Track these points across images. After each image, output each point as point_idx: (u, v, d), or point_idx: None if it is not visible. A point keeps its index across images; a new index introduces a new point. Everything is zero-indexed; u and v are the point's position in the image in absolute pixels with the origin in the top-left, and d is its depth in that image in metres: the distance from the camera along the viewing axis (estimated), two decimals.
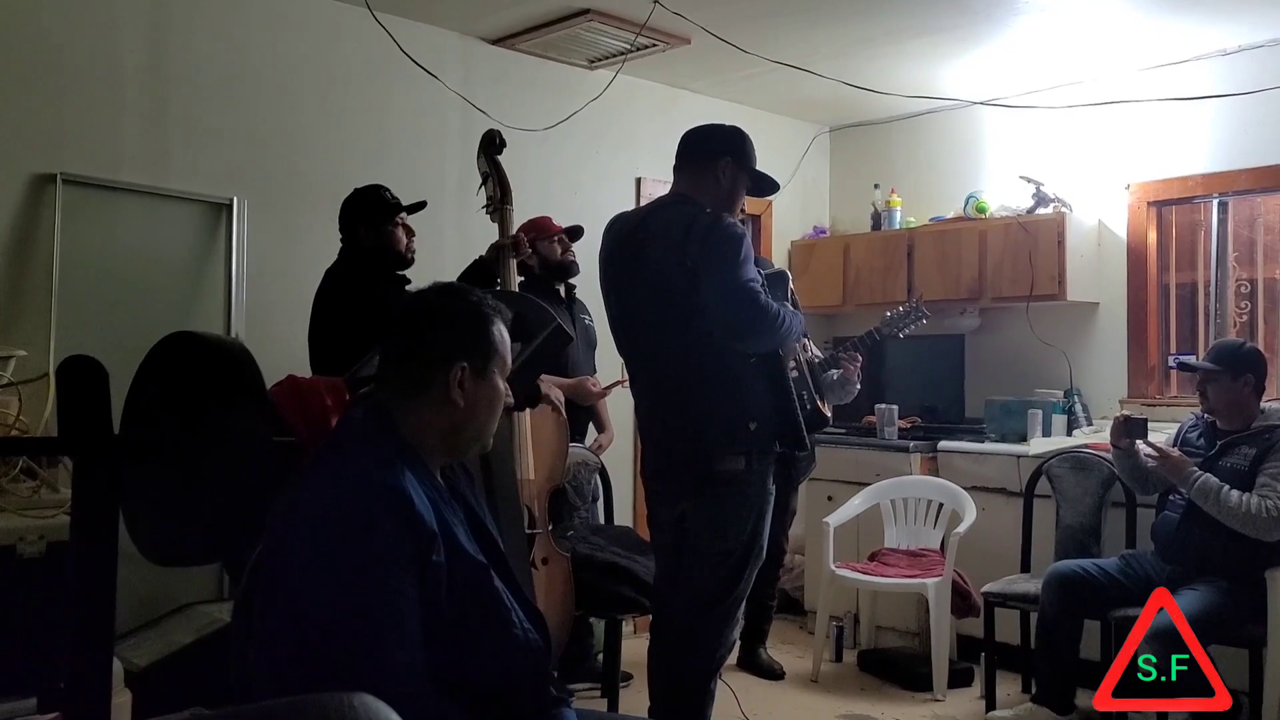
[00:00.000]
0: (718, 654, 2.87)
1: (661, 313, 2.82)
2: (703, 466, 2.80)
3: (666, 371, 2.88)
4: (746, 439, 2.79)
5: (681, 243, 2.76)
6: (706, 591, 2.84)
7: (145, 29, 3.63)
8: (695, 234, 2.75)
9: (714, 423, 2.79)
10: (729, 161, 2.90)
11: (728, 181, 2.90)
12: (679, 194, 2.93)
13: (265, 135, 3.89)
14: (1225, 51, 4.45)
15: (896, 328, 3.83)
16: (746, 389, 2.80)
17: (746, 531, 2.82)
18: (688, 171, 2.94)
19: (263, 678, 1.54)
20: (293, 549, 1.54)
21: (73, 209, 3.44)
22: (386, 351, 1.74)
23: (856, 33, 4.33)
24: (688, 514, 2.87)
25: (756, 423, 2.79)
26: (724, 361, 2.78)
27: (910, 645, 4.49)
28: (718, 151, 2.91)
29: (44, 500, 2.78)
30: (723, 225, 2.78)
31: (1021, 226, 4.79)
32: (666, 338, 2.84)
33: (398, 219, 3.40)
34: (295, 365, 2.63)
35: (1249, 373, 3.44)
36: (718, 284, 2.72)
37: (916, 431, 4.91)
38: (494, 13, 4.20)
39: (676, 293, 2.77)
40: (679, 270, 2.75)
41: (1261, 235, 4.57)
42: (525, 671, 1.70)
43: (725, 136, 2.97)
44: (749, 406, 2.79)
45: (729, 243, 2.74)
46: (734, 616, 2.88)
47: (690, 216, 2.80)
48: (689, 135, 2.99)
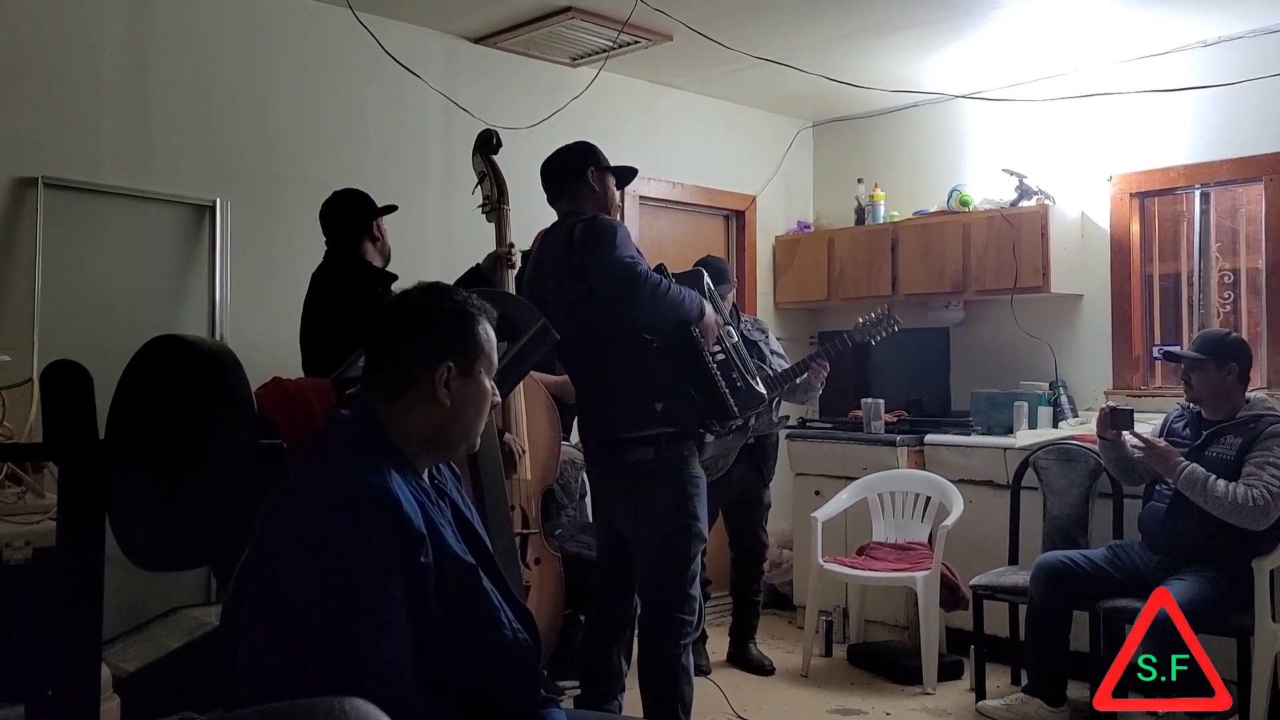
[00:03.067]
0: (682, 632, 2.99)
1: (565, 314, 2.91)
2: (613, 450, 3.01)
3: (583, 369, 3.12)
4: (654, 419, 2.95)
5: (567, 248, 3.00)
6: (653, 575, 3.01)
7: (126, 30, 3.61)
8: (577, 235, 3.00)
9: (621, 407, 3.00)
10: (593, 170, 3.15)
11: (600, 186, 3.14)
12: (567, 211, 3.14)
13: (248, 136, 3.87)
14: (1205, 43, 4.47)
15: (868, 334, 3.88)
16: (651, 371, 2.98)
17: (669, 517, 2.97)
18: (565, 193, 3.16)
19: (251, 682, 1.53)
20: (279, 552, 1.54)
21: (54, 212, 3.42)
22: (371, 352, 1.74)
23: (838, 27, 4.33)
24: (613, 502, 3.10)
25: (662, 404, 2.96)
26: (626, 347, 2.97)
27: (900, 639, 4.50)
28: (581, 166, 3.15)
29: (30, 506, 2.77)
30: (598, 221, 3.02)
31: (1005, 219, 4.80)
32: (577, 337, 2.96)
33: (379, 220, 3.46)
34: (281, 367, 2.61)
35: (1233, 362, 3.46)
36: (596, 263, 2.93)
37: (903, 425, 4.92)
38: (476, 11, 4.18)
39: (570, 290, 2.98)
40: (567, 270, 2.98)
41: (1244, 225, 4.60)
42: (515, 671, 1.70)
43: (581, 151, 3.20)
44: (653, 388, 2.97)
45: (604, 231, 2.97)
46: (689, 595, 3.00)
47: (572, 224, 3.05)
48: (550, 165, 3.21)
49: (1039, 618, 3.59)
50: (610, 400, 3.03)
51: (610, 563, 3.19)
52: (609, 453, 3.05)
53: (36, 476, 2.85)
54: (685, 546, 2.99)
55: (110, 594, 1.78)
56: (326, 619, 1.49)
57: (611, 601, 3.19)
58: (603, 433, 3.07)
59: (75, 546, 1.65)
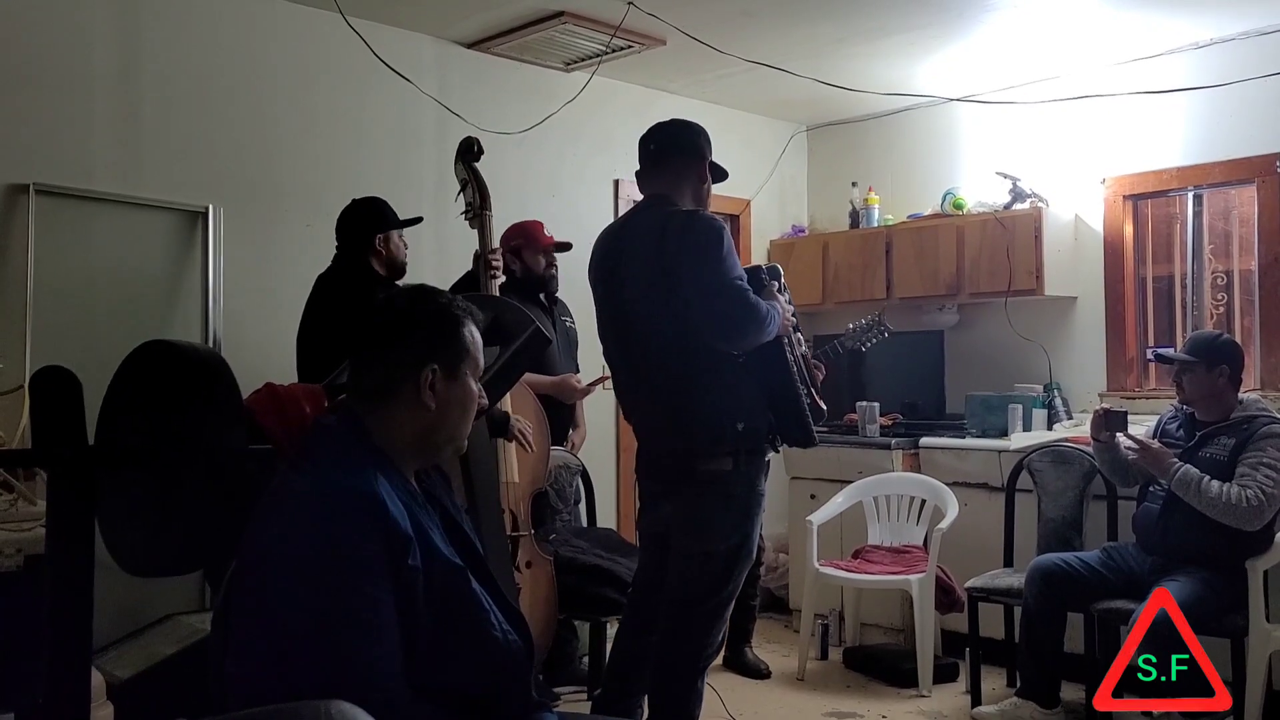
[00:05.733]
0: (704, 654, 2.85)
1: (645, 316, 2.80)
2: (686, 466, 2.79)
3: (651, 375, 2.84)
4: (734, 439, 2.76)
5: (659, 243, 2.74)
6: (691, 591, 2.82)
7: (117, 37, 3.61)
8: (671, 232, 2.73)
9: (700, 425, 2.76)
10: (708, 161, 2.91)
11: (704, 179, 2.91)
12: (657, 195, 2.89)
13: (240, 142, 3.87)
14: (1197, 44, 4.48)
15: (859, 341, 3.90)
16: (733, 389, 2.77)
17: (734, 534, 2.80)
18: (668, 171, 2.89)
19: (239, 687, 1.53)
20: (266, 558, 1.53)
21: (46, 219, 3.41)
22: (357, 356, 1.73)
23: (831, 32, 4.34)
24: (673, 513, 2.86)
25: (744, 423, 2.76)
26: (710, 362, 2.74)
27: (895, 642, 4.50)
28: (697, 149, 2.90)
29: (21, 513, 2.76)
30: (700, 220, 2.75)
31: (999, 222, 4.81)
32: (651, 341, 2.81)
33: (401, 233, 3.54)
34: (274, 372, 2.60)
35: (1224, 364, 3.46)
36: (701, 281, 2.67)
37: (898, 428, 4.92)
38: (468, 16, 4.19)
39: (657, 294, 2.75)
40: (657, 271, 2.73)
41: (1236, 227, 4.61)
42: (506, 673, 1.69)
43: (700, 133, 2.94)
44: (736, 407, 2.76)
45: (708, 235, 2.70)
46: (720, 617, 2.87)
47: (665, 216, 2.79)
48: (663, 135, 2.93)
49: (1033, 620, 3.58)
50: (691, 418, 2.76)
51: (657, 575, 2.93)
52: (679, 469, 2.80)
53: (28, 484, 2.85)
54: (735, 565, 2.81)
55: (104, 601, 1.78)
56: (314, 624, 1.48)
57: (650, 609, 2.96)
58: (675, 448, 2.81)
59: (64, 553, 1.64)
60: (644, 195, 2.94)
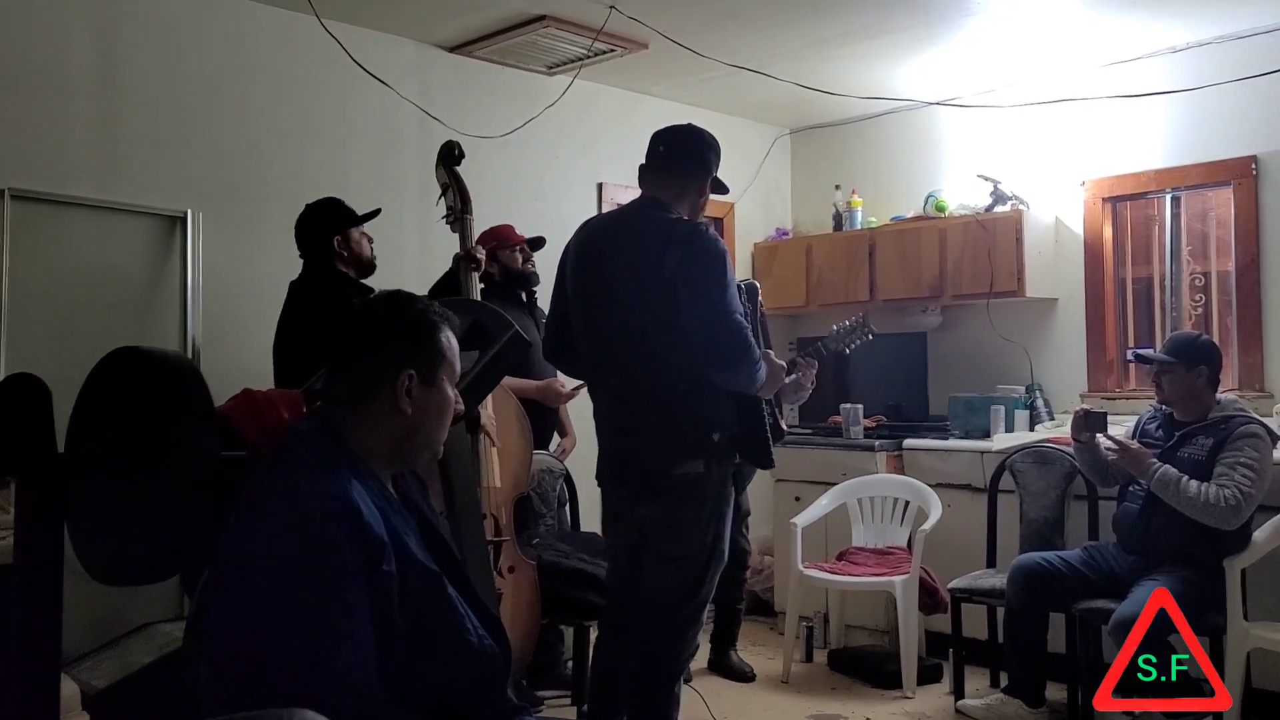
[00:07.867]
0: (682, 656, 2.86)
1: (637, 325, 2.77)
2: (661, 471, 2.78)
3: (631, 379, 2.83)
4: (710, 448, 2.77)
5: (660, 252, 2.69)
6: (669, 596, 2.82)
7: (94, 39, 3.58)
8: (675, 244, 2.69)
9: (677, 432, 2.77)
10: (711, 176, 2.89)
11: (704, 192, 2.89)
12: (654, 198, 2.85)
13: (219, 147, 3.85)
14: (1175, 48, 4.51)
15: (842, 343, 3.90)
16: (712, 400, 2.77)
17: (708, 534, 2.80)
18: (673, 175, 2.85)
19: (214, 696, 1.52)
20: (240, 564, 1.53)
21: (21, 224, 3.38)
22: (333, 362, 1.73)
23: (811, 35, 4.34)
24: (647, 519, 2.85)
25: (720, 434, 2.78)
26: (696, 374, 2.74)
27: (880, 643, 4.50)
28: (707, 160, 2.87)
29: None
30: (706, 239, 2.71)
31: (980, 224, 4.82)
32: (634, 345, 2.79)
33: (360, 228, 3.45)
34: (252, 378, 2.60)
35: (1203, 364, 3.48)
36: (704, 309, 2.66)
37: (881, 430, 4.93)
38: (449, 20, 4.18)
39: (654, 305, 2.72)
40: (657, 282, 2.70)
41: (1214, 229, 4.63)
42: (482, 678, 1.68)
43: (713, 146, 2.90)
44: (714, 418, 2.77)
45: (714, 261, 2.69)
46: (698, 620, 2.87)
47: (668, 224, 2.75)
48: (677, 141, 2.88)
49: (1016, 619, 3.60)
50: (674, 425, 2.76)
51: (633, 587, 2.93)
52: (653, 474, 2.79)
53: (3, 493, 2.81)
54: (710, 567, 2.81)
55: (79, 610, 1.77)
56: (288, 630, 1.48)
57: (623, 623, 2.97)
58: (652, 453, 2.80)
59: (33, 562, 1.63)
60: (642, 192, 2.90)
